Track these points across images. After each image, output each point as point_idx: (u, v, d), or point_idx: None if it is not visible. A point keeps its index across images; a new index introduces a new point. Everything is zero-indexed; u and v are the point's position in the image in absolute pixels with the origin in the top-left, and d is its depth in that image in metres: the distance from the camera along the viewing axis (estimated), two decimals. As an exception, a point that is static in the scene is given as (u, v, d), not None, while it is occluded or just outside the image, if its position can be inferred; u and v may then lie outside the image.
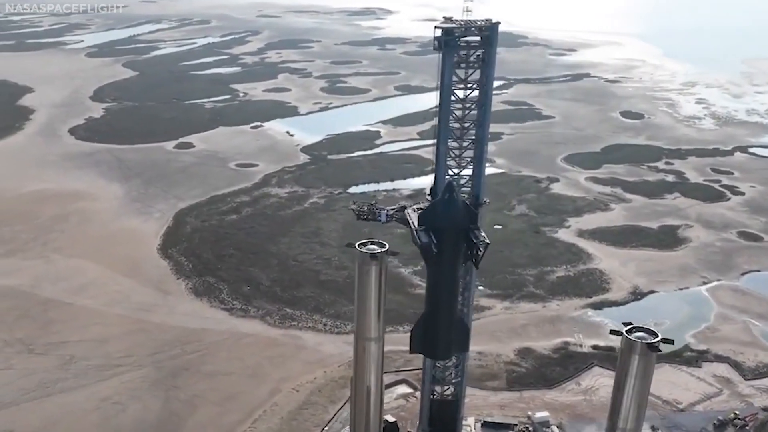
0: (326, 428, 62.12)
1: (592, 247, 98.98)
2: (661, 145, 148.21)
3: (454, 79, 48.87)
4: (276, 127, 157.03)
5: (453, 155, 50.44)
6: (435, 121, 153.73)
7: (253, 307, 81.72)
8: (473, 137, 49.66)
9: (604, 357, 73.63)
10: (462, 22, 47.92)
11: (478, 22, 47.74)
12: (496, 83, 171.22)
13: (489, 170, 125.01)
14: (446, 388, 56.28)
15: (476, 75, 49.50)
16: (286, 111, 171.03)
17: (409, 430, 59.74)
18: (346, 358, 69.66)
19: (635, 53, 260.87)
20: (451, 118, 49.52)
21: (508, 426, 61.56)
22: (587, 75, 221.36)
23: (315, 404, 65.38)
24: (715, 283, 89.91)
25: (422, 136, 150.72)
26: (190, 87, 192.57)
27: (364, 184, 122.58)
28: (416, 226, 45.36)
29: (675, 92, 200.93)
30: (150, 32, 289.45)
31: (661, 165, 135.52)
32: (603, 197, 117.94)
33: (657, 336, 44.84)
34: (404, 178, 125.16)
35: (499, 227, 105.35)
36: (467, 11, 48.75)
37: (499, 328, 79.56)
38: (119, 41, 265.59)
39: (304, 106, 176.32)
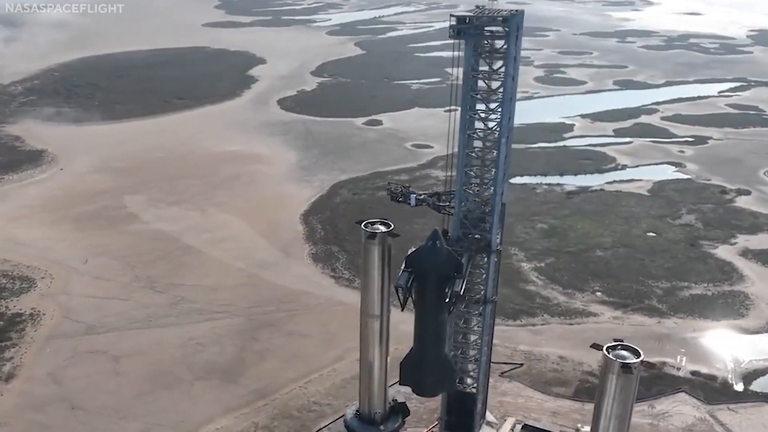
0: (369, 401, 63.66)
1: (750, 269, 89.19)
2: None
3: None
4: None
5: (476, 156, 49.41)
6: (639, 119, 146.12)
7: (359, 279, 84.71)
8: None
9: (699, 384, 67.22)
10: (486, 11, 46.66)
11: (503, 12, 46.18)
12: (729, 85, 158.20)
13: (673, 175, 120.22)
14: (471, 382, 55.43)
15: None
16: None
17: (436, 415, 59.48)
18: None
19: None
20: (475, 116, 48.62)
21: (548, 433, 59.03)
22: None
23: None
24: None
25: (617, 133, 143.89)
26: (406, 68, 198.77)
27: (529, 175, 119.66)
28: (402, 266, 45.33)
29: None
30: (395, 14, 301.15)
31: None
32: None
33: (639, 356, 41.42)
34: (575, 174, 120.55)
35: (652, 235, 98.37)
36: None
37: (595, 336, 74.79)
38: (362, 21, 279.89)
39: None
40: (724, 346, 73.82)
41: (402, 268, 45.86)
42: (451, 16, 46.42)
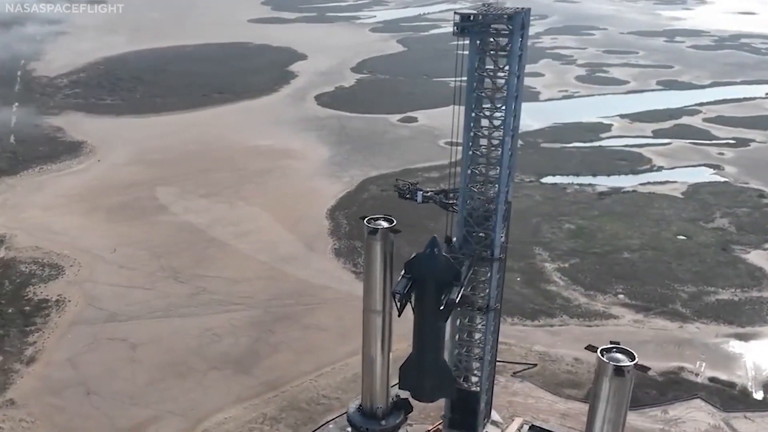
0: (379, 396, 63.84)
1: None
2: None
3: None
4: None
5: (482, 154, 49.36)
6: (680, 120, 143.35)
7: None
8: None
9: (716, 391, 65.66)
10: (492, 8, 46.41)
11: (508, 9, 45.85)
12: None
13: (710, 178, 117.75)
14: (475, 380, 55.22)
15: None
16: (526, 96, 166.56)
17: (443, 413, 59.38)
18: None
19: None
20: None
21: (556, 435, 58.51)
22: None
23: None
24: None
25: (656, 134, 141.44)
26: (446, 65, 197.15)
27: (561, 175, 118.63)
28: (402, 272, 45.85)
29: None
30: (440, 11, 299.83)
31: None
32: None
33: (634, 359, 41.05)
34: (608, 175, 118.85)
35: (683, 238, 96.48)
36: (496, -4, 47.14)
37: (614, 339, 73.61)
38: (406, 19, 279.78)
39: (548, 92, 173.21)
40: (747, 353, 72.13)
41: (401, 274, 46.16)
42: (455, 13, 46.33)
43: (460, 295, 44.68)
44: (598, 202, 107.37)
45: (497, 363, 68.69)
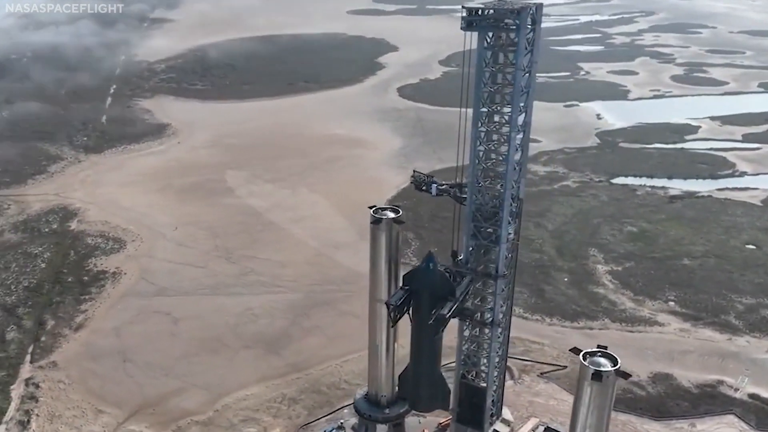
0: (400, 386, 64.44)
1: None
2: None
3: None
4: (591, 108, 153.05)
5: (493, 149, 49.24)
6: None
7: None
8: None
9: (755, 409, 62.66)
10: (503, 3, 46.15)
11: (515, 5, 45.44)
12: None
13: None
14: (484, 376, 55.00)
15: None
16: (614, 94, 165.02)
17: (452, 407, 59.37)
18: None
19: None
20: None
21: (570, 439, 57.50)
22: None
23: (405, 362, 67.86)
24: None
25: (746, 138, 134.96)
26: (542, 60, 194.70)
27: (633, 176, 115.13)
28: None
29: None
30: (547, 5, 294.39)
31: None
32: None
33: (616, 365, 40.19)
34: (684, 178, 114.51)
35: (751, 247, 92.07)
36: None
37: (654, 346, 71.80)
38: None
39: (639, 91, 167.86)
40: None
41: (400, 286, 46.87)
42: (463, 7, 46.19)
43: (452, 311, 44.82)
44: (668, 206, 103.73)
45: (526, 362, 68.65)
